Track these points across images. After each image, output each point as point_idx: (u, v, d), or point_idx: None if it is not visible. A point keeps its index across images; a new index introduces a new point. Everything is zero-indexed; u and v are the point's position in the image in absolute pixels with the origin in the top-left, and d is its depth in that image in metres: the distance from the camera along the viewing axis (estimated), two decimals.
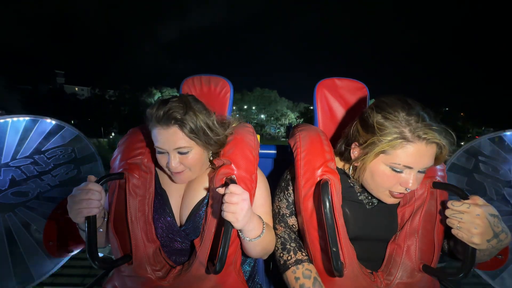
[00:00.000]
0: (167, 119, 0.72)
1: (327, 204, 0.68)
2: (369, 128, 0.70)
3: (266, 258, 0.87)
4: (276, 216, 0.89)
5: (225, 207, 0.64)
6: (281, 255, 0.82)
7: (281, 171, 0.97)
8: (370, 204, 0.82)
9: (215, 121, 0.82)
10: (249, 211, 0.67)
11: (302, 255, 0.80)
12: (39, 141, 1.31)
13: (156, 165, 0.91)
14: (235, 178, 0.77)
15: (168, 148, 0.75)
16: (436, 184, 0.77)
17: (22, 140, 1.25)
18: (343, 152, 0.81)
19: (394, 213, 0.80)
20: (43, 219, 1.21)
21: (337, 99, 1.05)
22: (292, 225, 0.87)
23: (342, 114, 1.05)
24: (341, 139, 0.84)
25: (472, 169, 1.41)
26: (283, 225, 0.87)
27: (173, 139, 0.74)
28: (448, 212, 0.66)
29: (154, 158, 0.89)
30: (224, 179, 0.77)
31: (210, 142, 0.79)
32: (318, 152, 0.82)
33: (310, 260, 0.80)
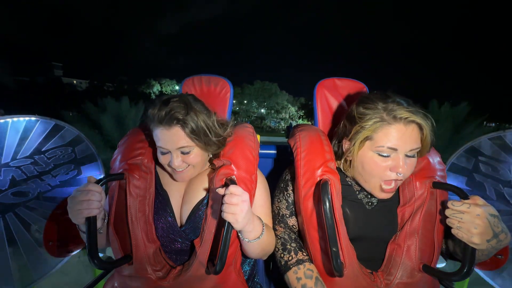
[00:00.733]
0: (169, 119, 0.73)
1: (327, 204, 0.68)
2: (352, 120, 0.76)
3: (265, 258, 0.87)
4: (275, 217, 0.89)
5: (225, 207, 0.64)
6: (281, 255, 0.82)
7: (281, 171, 0.97)
8: (370, 203, 0.82)
9: (215, 121, 0.82)
10: (249, 212, 0.67)
11: (303, 255, 0.80)
12: (39, 141, 1.31)
13: (157, 165, 0.91)
14: (235, 179, 0.77)
15: (170, 148, 0.76)
16: (436, 184, 0.77)
17: (22, 140, 1.25)
18: (337, 150, 0.84)
19: (394, 213, 0.80)
20: (43, 219, 1.22)
21: (337, 99, 1.05)
22: (292, 225, 0.87)
23: (342, 114, 1.05)
24: (334, 139, 0.86)
25: (472, 169, 1.41)
26: (282, 225, 0.87)
27: (175, 139, 0.75)
28: (448, 212, 0.66)
29: (154, 158, 0.89)
30: (224, 179, 0.77)
31: (210, 143, 0.79)
32: (318, 152, 0.82)
33: (311, 260, 0.80)
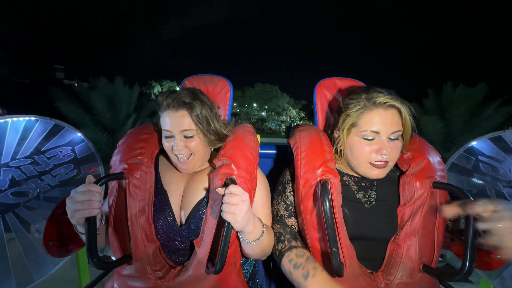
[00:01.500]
0: (177, 103, 0.79)
1: (327, 204, 0.68)
2: (340, 111, 0.83)
3: (264, 258, 0.87)
4: (274, 217, 0.89)
5: (224, 207, 0.64)
6: (276, 247, 0.82)
7: (281, 171, 0.97)
8: (369, 203, 0.82)
9: (217, 114, 0.87)
10: (248, 212, 0.67)
11: (297, 243, 0.81)
12: (39, 141, 1.31)
13: (157, 165, 0.91)
14: (235, 179, 0.77)
15: (175, 131, 0.79)
16: (436, 184, 0.77)
17: (22, 140, 1.25)
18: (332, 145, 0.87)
19: (394, 213, 0.80)
20: (43, 219, 1.22)
21: (337, 99, 1.05)
22: (291, 225, 0.87)
23: None
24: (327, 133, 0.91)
25: (472, 169, 1.41)
26: (280, 224, 0.87)
27: (181, 121, 0.79)
28: (484, 214, 0.58)
29: (154, 158, 0.89)
30: (224, 179, 0.77)
31: (211, 133, 0.83)
32: (318, 152, 0.82)
33: (304, 247, 0.81)
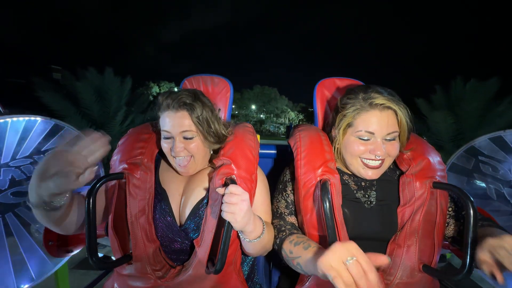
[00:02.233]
0: (177, 103, 0.78)
1: (327, 203, 0.68)
2: (337, 110, 0.83)
3: (265, 255, 0.87)
4: (274, 214, 0.89)
5: (224, 207, 0.64)
6: (277, 237, 0.81)
7: (281, 171, 0.97)
8: (369, 203, 0.82)
9: (218, 116, 0.87)
10: (248, 212, 0.67)
11: (298, 232, 0.81)
12: (39, 141, 1.31)
13: (157, 165, 0.91)
14: (235, 178, 0.77)
15: (174, 132, 0.79)
16: (436, 184, 0.77)
17: (21, 140, 1.25)
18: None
19: (394, 213, 0.80)
20: None
21: (337, 98, 1.05)
22: (291, 223, 0.87)
23: None
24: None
25: (472, 169, 1.41)
26: (280, 219, 0.87)
27: (180, 122, 0.78)
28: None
29: (154, 158, 0.89)
30: (224, 179, 0.77)
31: (211, 135, 0.83)
32: (318, 152, 0.82)
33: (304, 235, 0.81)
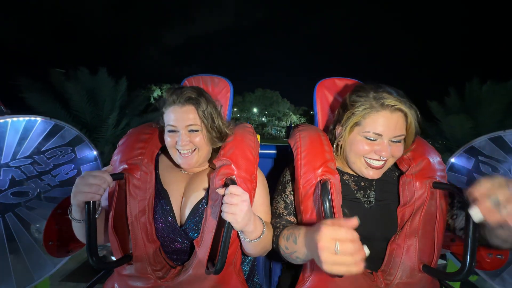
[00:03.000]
0: (183, 98, 0.81)
1: (327, 203, 0.68)
2: (346, 107, 0.82)
3: (265, 255, 0.87)
4: (273, 215, 0.89)
5: (224, 208, 0.64)
6: (273, 236, 0.82)
7: (281, 171, 0.97)
8: (368, 202, 0.82)
9: (220, 112, 0.90)
10: (248, 212, 0.67)
11: (289, 224, 0.82)
12: (39, 141, 1.31)
13: (157, 165, 0.91)
14: (235, 179, 0.77)
15: (180, 126, 0.80)
16: (436, 184, 0.77)
17: (22, 140, 1.25)
18: (331, 137, 0.88)
19: (393, 213, 0.80)
20: (43, 219, 1.21)
21: (337, 98, 1.05)
22: (287, 220, 0.87)
23: None
24: (328, 133, 0.91)
25: (472, 169, 1.41)
26: (277, 219, 0.87)
27: (186, 116, 0.81)
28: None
29: (154, 158, 0.89)
30: (224, 179, 0.77)
31: (214, 130, 0.84)
32: (318, 152, 0.82)
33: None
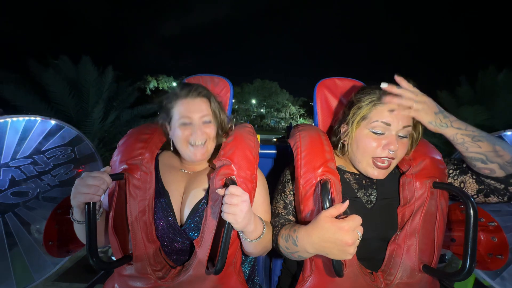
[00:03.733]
0: (195, 92, 0.84)
1: (327, 204, 0.68)
2: (351, 105, 0.83)
3: (265, 254, 0.87)
4: (272, 215, 0.90)
5: (225, 208, 0.64)
6: (272, 235, 0.82)
7: (281, 171, 0.97)
8: (369, 202, 0.82)
9: (224, 110, 0.93)
10: (249, 213, 0.67)
11: (287, 223, 0.82)
12: (39, 141, 1.31)
13: (157, 165, 0.91)
14: (235, 179, 0.77)
15: (194, 117, 0.82)
16: (437, 184, 0.77)
17: (21, 140, 1.25)
18: (335, 139, 0.88)
19: (394, 212, 0.80)
20: (43, 219, 1.21)
21: (337, 98, 1.05)
22: (286, 219, 0.87)
23: None
24: (332, 135, 0.91)
25: None
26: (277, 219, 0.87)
27: (200, 108, 0.83)
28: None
29: (154, 158, 0.88)
30: (224, 179, 0.77)
31: (222, 124, 0.89)
32: (318, 152, 0.82)
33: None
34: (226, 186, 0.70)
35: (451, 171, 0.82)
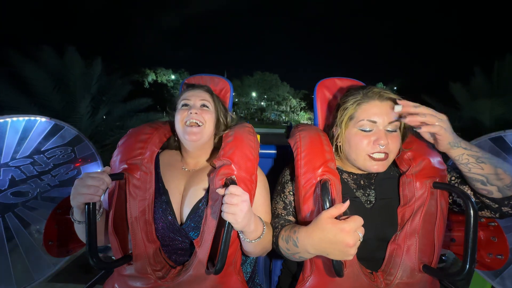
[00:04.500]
0: (199, 87, 0.96)
1: (327, 203, 0.68)
2: (338, 107, 0.87)
3: (265, 255, 0.87)
4: (272, 216, 0.90)
5: (225, 208, 0.64)
6: (273, 236, 0.81)
7: (281, 171, 0.97)
8: (368, 202, 0.82)
9: (225, 107, 1.00)
10: (249, 212, 0.67)
11: (286, 224, 0.82)
12: (39, 141, 1.31)
13: (157, 164, 0.91)
14: (235, 179, 0.77)
15: (194, 99, 0.90)
16: (437, 184, 0.77)
17: (21, 140, 1.25)
18: (332, 144, 0.89)
19: (393, 212, 0.80)
20: (43, 219, 1.21)
21: (337, 98, 1.05)
22: (286, 219, 0.87)
23: None
24: (329, 136, 0.92)
25: None
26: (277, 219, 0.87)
27: (201, 94, 0.92)
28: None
29: (154, 158, 0.89)
30: (224, 179, 0.77)
31: (221, 113, 0.95)
32: (318, 152, 0.82)
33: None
34: (226, 186, 0.70)
35: (454, 179, 0.83)
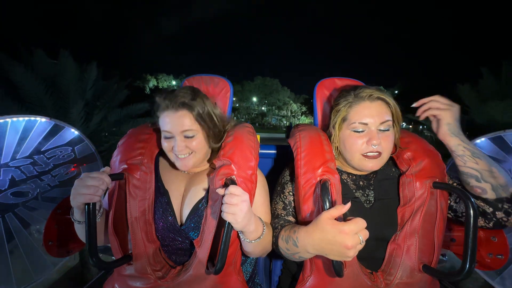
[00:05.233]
0: (176, 103, 0.77)
1: (327, 204, 0.68)
2: (332, 110, 0.88)
3: (265, 256, 0.87)
4: (272, 216, 0.90)
5: (224, 208, 0.64)
6: (273, 236, 0.82)
7: (281, 171, 0.97)
8: (368, 202, 0.82)
9: (218, 110, 0.88)
10: (248, 213, 0.67)
11: (286, 224, 0.82)
12: (39, 141, 1.31)
13: (157, 165, 0.91)
14: (235, 179, 0.77)
15: (175, 131, 0.78)
16: (437, 184, 0.77)
17: (21, 140, 1.25)
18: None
19: (393, 212, 0.80)
20: (43, 219, 1.22)
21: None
22: (286, 220, 0.87)
23: None
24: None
25: None
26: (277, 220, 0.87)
27: (181, 121, 0.78)
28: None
29: (154, 158, 0.88)
30: (224, 179, 0.77)
31: (214, 130, 0.84)
32: (318, 152, 0.82)
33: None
34: (226, 186, 0.70)
35: (452, 183, 0.84)
